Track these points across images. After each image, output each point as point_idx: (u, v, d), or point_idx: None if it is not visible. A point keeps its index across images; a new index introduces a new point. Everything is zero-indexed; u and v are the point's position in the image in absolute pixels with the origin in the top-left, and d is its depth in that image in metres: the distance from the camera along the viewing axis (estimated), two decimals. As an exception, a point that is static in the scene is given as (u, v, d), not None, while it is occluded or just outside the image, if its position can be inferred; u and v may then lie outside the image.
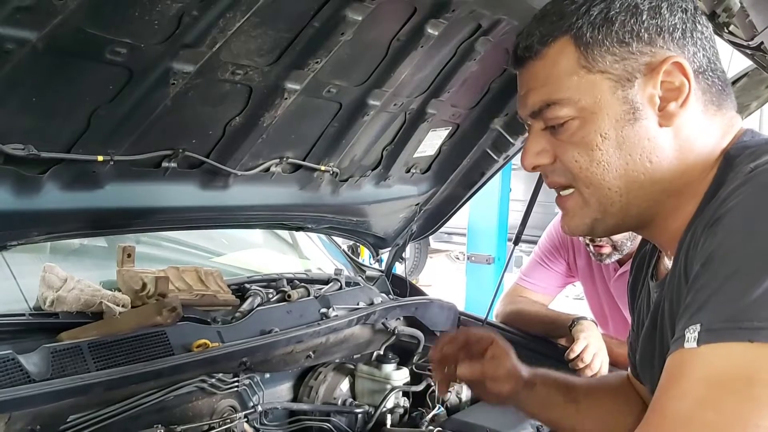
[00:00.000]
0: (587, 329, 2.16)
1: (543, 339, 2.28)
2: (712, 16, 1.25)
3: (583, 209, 0.97)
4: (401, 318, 2.11)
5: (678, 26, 0.91)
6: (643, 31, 0.90)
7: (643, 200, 0.95)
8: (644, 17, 0.90)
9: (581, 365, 2.02)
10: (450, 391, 1.93)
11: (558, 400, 1.29)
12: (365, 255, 3.99)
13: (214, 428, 1.52)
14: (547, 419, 1.35)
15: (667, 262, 1.03)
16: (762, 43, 1.35)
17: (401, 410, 1.87)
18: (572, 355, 2.04)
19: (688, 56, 0.91)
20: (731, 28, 1.35)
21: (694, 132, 0.93)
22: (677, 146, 0.92)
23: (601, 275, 2.52)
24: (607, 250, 2.29)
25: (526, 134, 1.02)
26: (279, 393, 1.84)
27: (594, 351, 2.05)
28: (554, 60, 0.93)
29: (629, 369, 1.27)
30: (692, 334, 0.73)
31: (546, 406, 1.31)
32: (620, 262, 2.41)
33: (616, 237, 2.21)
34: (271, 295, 1.88)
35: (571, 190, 0.98)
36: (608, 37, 0.90)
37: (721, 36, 1.34)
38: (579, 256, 2.56)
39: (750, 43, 1.32)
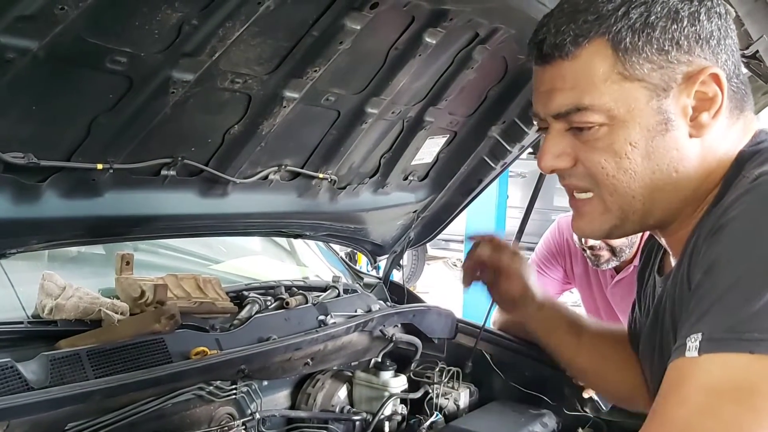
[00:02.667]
0: None
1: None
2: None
3: (603, 215, 0.96)
4: (399, 325, 2.11)
5: (714, 34, 0.90)
6: (683, 39, 0.88)
7: (665, 208, 0.94)
8: (684, 23, 0.88)
9: None
10: (449, 398, 1.94)
11: (561, 328, 1.34)
12: (363, 262, 4.00)
13: (212, 436, 1.52)
14: (548, 344, 1.40)
15: (672, 260, 1.03)
16: (757, 51, 1.36)
17: (399, 417, 1.87)
18: None
19: (720, 63, 0.90)
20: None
21: (718, 139, 0.92)
22: (702, 155, 0.91)
23: (598, 282, 2.53)
24: (605, 255, 2.29)
25: (529, 134, 1.02)
26: (277, 400, 1.84)
27: None
28: (588, 62, 0.89)
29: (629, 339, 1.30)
30: (693, 343, 0.73)
31: (549, 331, 1.36)
32: (617, 269, 2.42)
33: (616, 243, 2.22)
34: (269, 303, 1.88)
35: (589, 194, 0.96)
36: (648, 44, 0.88)
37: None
38: (576, 263, 2.57)
39: (745, 51, 1.34)
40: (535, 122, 1.03)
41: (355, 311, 2.01)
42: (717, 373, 0.71)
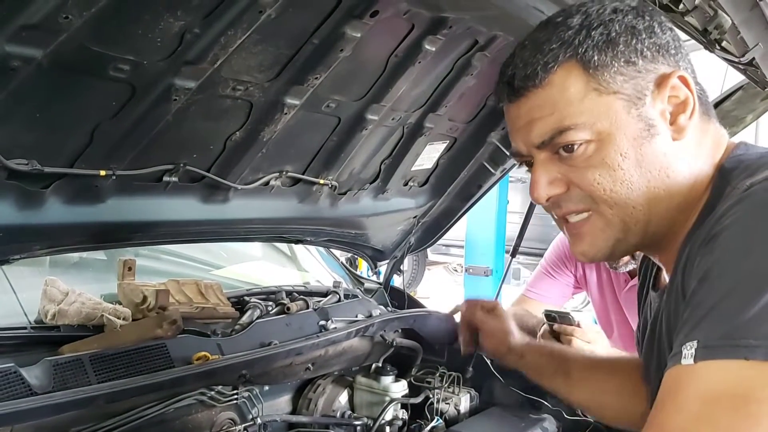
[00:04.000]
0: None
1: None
2: (704, 33, 1.27)
3: (605, 231, 0.96)
4: (399, 330, 2.12)
5: (671, 44, 0.94)
6: (645, 49, 0.91)
7: (663, 216, 0.95)
8: (643, 36, 0.92)
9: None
10: (450, 403, 1.94)
11: (548, 370, 1.42)
12: (363, 267, 4.01)
13: (213, 440, 1.52)
14: (543, 386, 1.52)
15: (666, 275, 1.04)
16: (753, 58, 1.37)
17: (400, 422, 1.87)
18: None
19: (683, 69, 0.94)
20: (723, 44, 1.37)
21: (696, 144, 0.94)
22: (687, 159, 0.94)
23: (611, 287, 2.53)
24: (624, 257, 2.29)
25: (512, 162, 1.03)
26: (278, 405, 1.85)
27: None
28: (561, 85, 0.92)
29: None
30: (689, 350, 0.74)
31: (537, 375, 1.48)
32: (631, 274, 2.42)
33: None
34: (270, 308, 1.89)
35: (586, 214, 0.97)
36: (615, 58, 0.91)
37: (713, 52, 1.36)
38: (589, 269, 2.57)
39: (742, 59, 1.35)
40: (517, 162, 1.04)
41: (356, 316, 2.02)
42: (713, 380, 0.72)
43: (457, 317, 1.71)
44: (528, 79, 0.93)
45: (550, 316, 2.03)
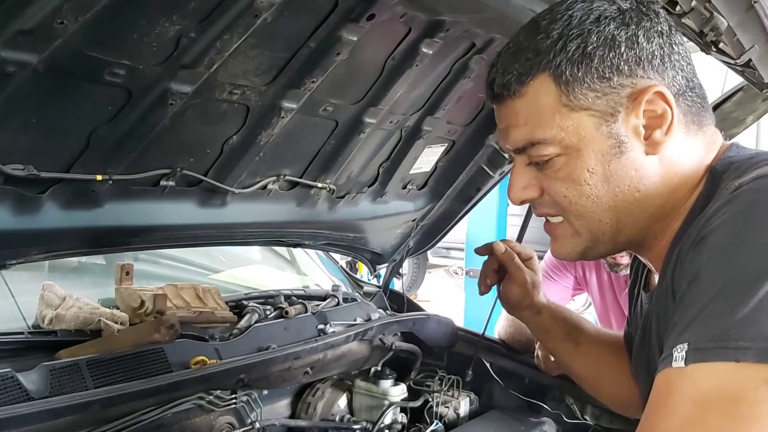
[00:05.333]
0: None
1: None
2: (700, 35, 1.27)
3: (575, 238, 0.99)
4: (399, 333, 2.12)
5: (656, 53, 0.91)
6: (622, 63, 0.89)
7: (633, 227, 0.96)
8: (622, 49, 0.89)
9: None
10: (449, 406, 1.94)
11: (558, 334, 1.38)
12: (363, 271, 4.00)
13: (212, 445, 1.52)
14: (546, 346, 1.50)
15: (656, 277, 1.05)
16: (750, 60, 1.37)
17: (399, 426, 1.87)
18: None
19: (667, 81, 0.91)
20: (720, 46, 1.37)
21: (678, 154, 0.93)
22: (663, 171, 0.93)
23: (611, 287, 2.53)
24: (625, 261, 2.30)
25: (510, 164, 1.05)
26: (277, 410, 1.84)
27: None
28: (534, 98, 0.92)
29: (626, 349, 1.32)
30: (680, 353, 0.74)
31: (545, 336, 1.43)
32: None
33: None
34: (268, 312, 1.88)
35: (561, 218, 0.99)
36: (588, 73, 0.89)
37: (709, 54, 1.36)
38: (589, 270, 2.58)
39: (738, 61, 1.35)
40: (506, 156, 1.07)
41: (355, 320, 2.02)
42: (704, 383, 0.71)
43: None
44: (504, 88, 0.95)
45: None
